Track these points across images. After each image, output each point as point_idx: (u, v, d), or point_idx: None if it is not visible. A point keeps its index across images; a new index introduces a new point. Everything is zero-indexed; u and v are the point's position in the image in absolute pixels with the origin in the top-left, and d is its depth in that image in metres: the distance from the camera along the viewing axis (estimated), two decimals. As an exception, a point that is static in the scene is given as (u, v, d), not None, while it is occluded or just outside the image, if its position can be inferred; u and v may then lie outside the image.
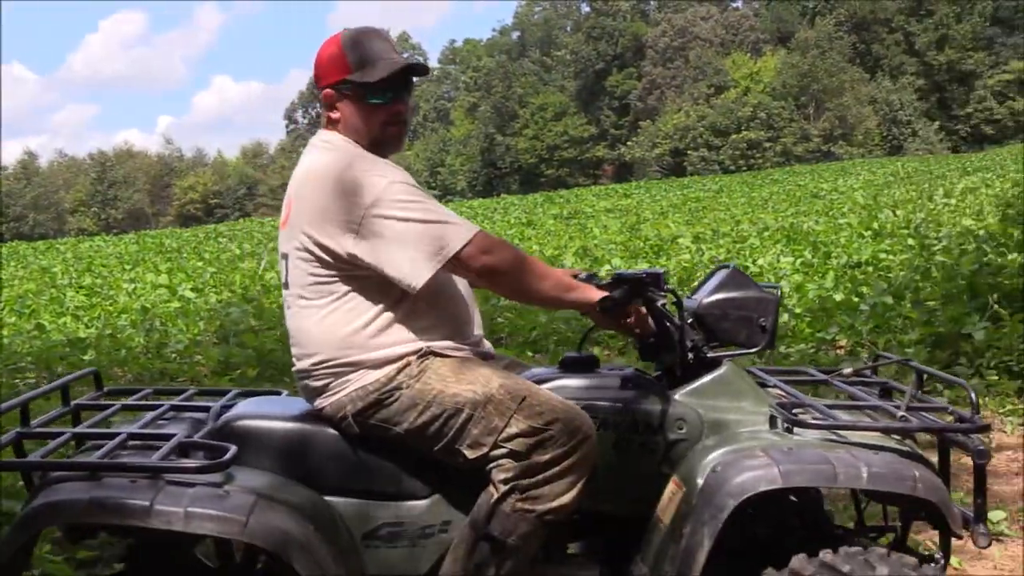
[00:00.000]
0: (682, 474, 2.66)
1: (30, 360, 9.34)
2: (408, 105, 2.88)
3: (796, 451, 2.58)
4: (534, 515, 2.61)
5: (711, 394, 2.79)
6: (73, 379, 3.09)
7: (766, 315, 2.84)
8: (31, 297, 19.85)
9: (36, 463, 2.55)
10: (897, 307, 8.17)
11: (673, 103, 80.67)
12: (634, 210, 39.04)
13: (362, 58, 2.78)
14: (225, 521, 2.41)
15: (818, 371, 3.41)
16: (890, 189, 34.54)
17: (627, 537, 2.81)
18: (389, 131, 2.84)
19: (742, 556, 2.69)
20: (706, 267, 14.37)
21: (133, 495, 2.40)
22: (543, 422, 2.61)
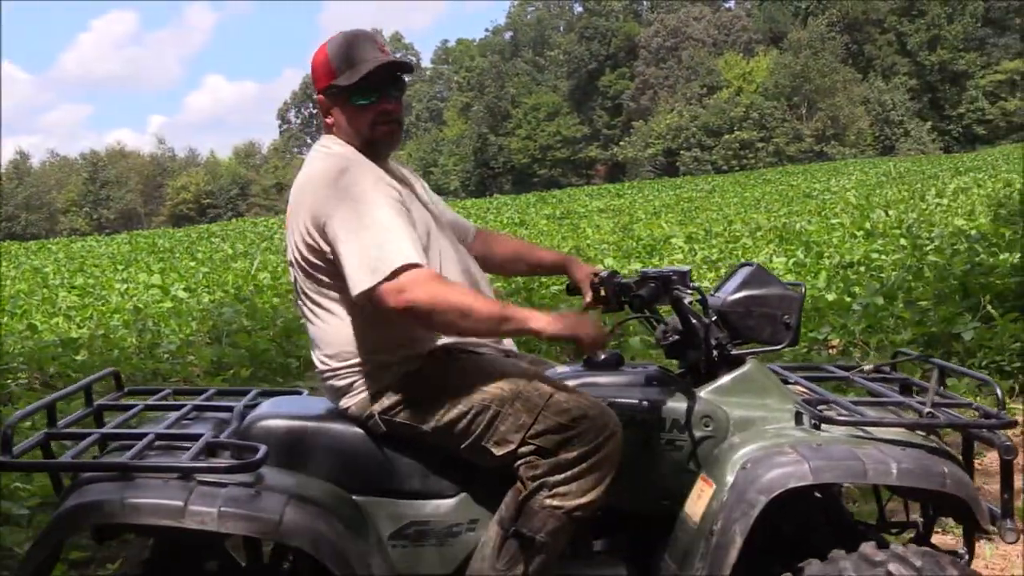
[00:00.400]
0: (711, 471, 2.66)
1: (22, 360, 9.31)
2: (398, 103, 2.86)
3: (825, 447, 2.58)
4: (562, 511, 2.61)
5: (736, 391, 2.80)
6: (95, 380, 3.10)
7: (790, 312, 2.86)
8: (23, 297, 19.79)
9: (68, 464, 2.55)
10: (889, 307, 8.18)
11: (666, 103, 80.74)
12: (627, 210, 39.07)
13: (347, 61, 2.78)
14: (259, 521, 2.42)
15: (837, 367, 3.42)
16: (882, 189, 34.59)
17: (651, 535, 2.82)
18: (379, 131, 2.82)
19: (768, 553, 2.70)
20: (699, 267, 14.38)
21: (167, 496, 2.41)
22: (570, 419, 2.62)
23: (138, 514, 2.39)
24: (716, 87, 78.75)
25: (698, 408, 2.77)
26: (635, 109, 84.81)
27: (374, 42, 2.84)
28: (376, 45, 2.83)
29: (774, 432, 2.71)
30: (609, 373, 2.89)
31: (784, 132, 74.94)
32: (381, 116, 2.81)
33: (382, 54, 2.81)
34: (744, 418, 2.77)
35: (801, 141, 74.91)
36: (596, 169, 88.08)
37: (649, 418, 2.76)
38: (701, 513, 2.60)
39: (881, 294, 8.52)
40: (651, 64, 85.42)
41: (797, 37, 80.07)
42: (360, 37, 2.84)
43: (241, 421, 2.83)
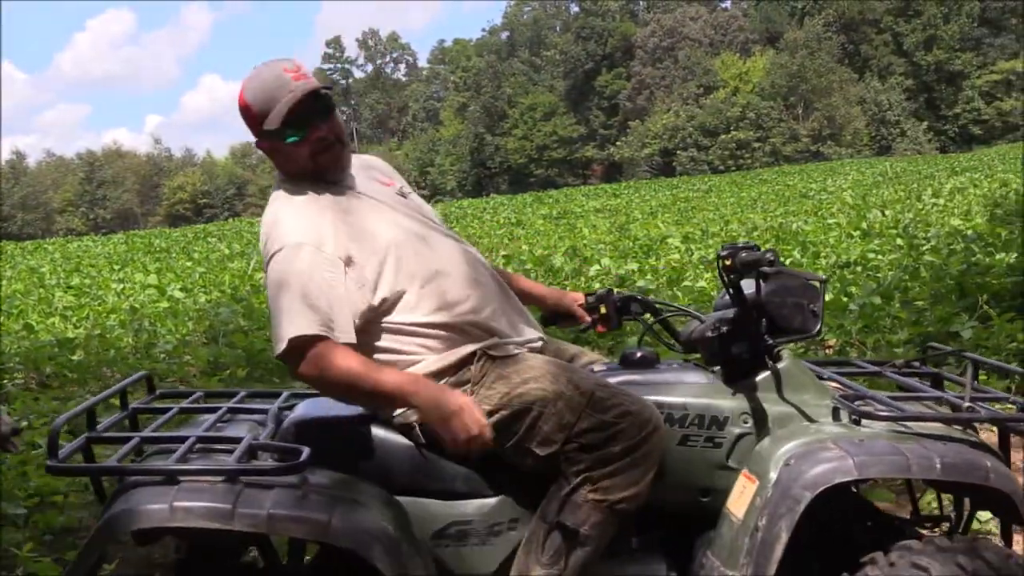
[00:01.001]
0: (753, 468, 2.66)
1: (18, 360, 9.31)
2: (331, 123, 2.79)
3: (867, 443, 2.59)
4: (606, 505, 2.61)
5: (774, 387, 2.81)
6: (129, 383, 3.09)
7: (815, 300, 2.85)
8: (19, 297, 19.77)
9: (115, 468, 2.54)
10: (886, 307, 8.17)
11: (662, 103, 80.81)
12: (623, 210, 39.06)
13: (265, 104, 2.72)
14: (308, 523, 2.42)
15: (867, 363, 3.43)
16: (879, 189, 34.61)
17: (690, 532, 2.83)
18: (321, 160, 2.78)
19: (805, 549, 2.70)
20: (696, 267, 14.36)
21: (215, 499, 2.40)
22: (613, 416, 2.62)
23: (187, 518, 2.39)
24: (712, 87, 78.83)
25: (736, 404, 2.77)
26: (631, 109, 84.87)
27: (282, 75, 2.75)
28: (287, 77, 2.74)
29: (814, 428, 2.72)
30: (646, 371, 2.90)
31: (780, 132, 75.03)
32: (317, 145, 2.76)
33: (295, 83, 2.73)
34: (782, 414, 2.78)
35: (797, 141, 75.00)
36: (593, 169, 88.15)
37: (687, 415, 2.76)
38: (745, 509, 2.60)
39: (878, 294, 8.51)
40: (647, 64, 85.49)
41: (793, 37, 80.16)
42: (269, 74, 2.76)
43: (278, 423, 2.83)
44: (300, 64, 2.78)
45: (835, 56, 79.64)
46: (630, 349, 3.01)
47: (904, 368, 3.21)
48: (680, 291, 11.21)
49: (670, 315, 3.24)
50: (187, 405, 3.14)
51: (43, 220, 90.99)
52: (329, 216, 2.73)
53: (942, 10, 79.00)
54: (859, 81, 79.79)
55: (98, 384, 8.22)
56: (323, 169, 2.79)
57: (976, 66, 78.50)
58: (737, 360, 2.89)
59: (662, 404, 2.75)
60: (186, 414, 3.12)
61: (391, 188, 2.97)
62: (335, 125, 2.80)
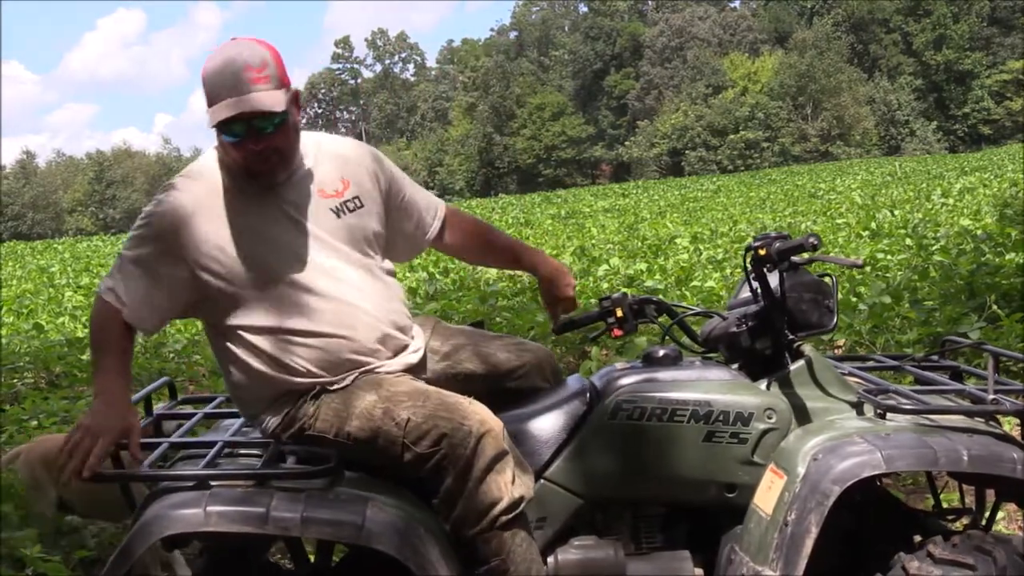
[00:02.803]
0: (780, 463, 2.67)
1: (28, 360, 9.33)
2: (272, 139, 2.59)
3: (894, 436, 2.59)
4: (493, 528, 2.51)
5: (798, 382, 2.82)
6: (153, 389, 3.10)
7: (829, 296, 2.88)
8: (29, 297, 19.83)
9: (146, 475, 2.55)
10: (895, 307, 8.14)
11: (671, 103, 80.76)
12: (632, 210, 39.02)
13: (210, 94, 2.57)
14: (342, 525, 2.43)
15: (886, 357, 3.43)
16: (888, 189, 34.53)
17: (715, 528, 2.83)
18: (254, 167, 2.62)
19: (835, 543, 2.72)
20: (704, 267, 14.34)
21: (248, 503, 2.42)
22: (428, 445, 2.52)
23: (222, 522, 2.40)
24: (721, 87, 78.78)
25: (761, 400, 2.77)
26: (640, 109, 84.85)
27: (236, 75, 2.54)
28: (244, 79, 2.54)
29: (839, 422, 2.72)
30: (669, 368, 2.89)
31: (789, 132, 75.01)
32: (251, 156, 2.59)
33: (245, 95, 2.53)
34: (808, 409, 2.78)
35: (806, 141, 74.97)
36: (601, 169, 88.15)
37: (712, 412, 2.76)
38: (773, 505, 2.60)
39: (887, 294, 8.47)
40: (656, 64, 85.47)
41: (802, 37, 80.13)
42: (230, 69, 2.55)
43: None
44: (267, 64, 2.58)
45: (844, 56, 79.58)
46: (652, 347, 3.00)
47: (923, 362, 3.21)
48: (688, 291, 11.19)
49: (687, 316, 3.24)
50: (211, 410, 3.15)
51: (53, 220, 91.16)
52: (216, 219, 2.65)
53: (952, 10, 78.88)
54: (868, 81, 79.72)
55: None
56: (254, 174, 2.64)
57: (986, 66, 78.38)
58: (760, 356, 2.90)
59: (686, 401, 2.75)
60: (210, 419, 3.13)
61: (329, 201, 2.76)
62: (279, 139, 2.61)
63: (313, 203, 2.73)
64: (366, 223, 2.81)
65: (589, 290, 11.39)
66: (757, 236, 2.86)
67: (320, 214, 2.72)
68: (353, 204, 2.79)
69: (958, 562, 2.50)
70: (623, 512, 2.87)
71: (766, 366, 2.89)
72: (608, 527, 2.86)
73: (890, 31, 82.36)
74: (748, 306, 2.99)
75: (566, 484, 2.79)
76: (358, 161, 2.88)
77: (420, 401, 2.58)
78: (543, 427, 2.85)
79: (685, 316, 3.24)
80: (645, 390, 2.78)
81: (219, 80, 2.55)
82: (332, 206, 2.75)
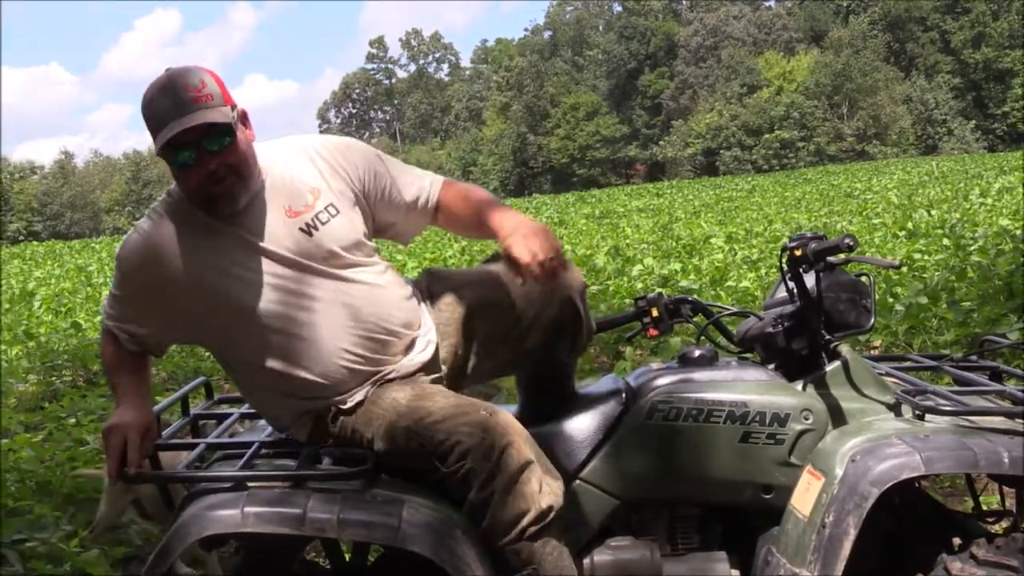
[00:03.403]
0: (818, 464, 2.65)
1: (66, 358, 9.44)
2: (225, 153, 2.50)
3: (933, 438, 2.56)
4: (523, 540, 2.49)
5: (834, 383, 2.80)
6: (191, 390, 3.13)
7: (866, 296, 2.87)
8: (67, 296, 20.03)
9: (184, 476, 2.57)
10: (932, 308, 8.08)
11: (705, 102, 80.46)
12: (666, 210, 38.94)
13: (153, 126, 2.48)
14: (377, 526, 2.43)
15: (924, 357, 3.39)
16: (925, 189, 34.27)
17: (751, 529, 2.82)
18: (211, 191, 2.52)
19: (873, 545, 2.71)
20: (739, 267, 14.29)
21: (285, 504, 2.43)
22: (454, 462, 2.49)
23: (259, 523, 2.41)
24: (756, 86, 78.37)
25: (798, 401, 2.76)
26: (674, 108, 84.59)
27: (184, 93, 2.46)
28: (185, 99, 2.45)
29: (877, 424, 2.70)
30: (705, 368, 2.88)
31: (825, 131, 74.53)
32: (206, 177, 2.49)
33: (186, 115, 2.44)
34: (845, 410, 2.76)
35: (842, 140, 74.48)
36: (635, 168, 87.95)
37: (748, 412, 2.75)
38: (811, 506, 2.59)
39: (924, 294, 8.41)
40: (691, 63, 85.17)
41: (838, 36, 79.62)
42: (160, 98, 2.47)
43: None
44: (206, 84, 2.49)
45: (880, 54, 79.01)
46: (688, 347, 2.99)
47: (962, 363, 3.18)
48: (723, 291, 11.14)
49: (723, 316, 3.23)
50: (246, 411, 3.16)
51: (91, 219, 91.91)
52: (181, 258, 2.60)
53: (991, 7, 78.10)
54: (905, 80, 79.10)
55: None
56: (213, 199, 2.54)
57: (1025, 64, 77.50)
58: (796, 356, 2.88)
59: (723, 401, 2.74)
60: (245, 419, 3.14)
61: (297, 220, 2.63)
62: (230, 156, 2.51)
63: (280, 227, 2.61)
64: (346, 228, 2.68)
65: (623, 290, 11.37)
66: (793, 236, 2.84)
67: (289, 237, 2.61)
68: (327, 215, 2.66)
69: (1002, 564, 2.48)
70: (659, 513, 2.86)
71: (803, 367, 2.87)
72: (644, 528, 2.85)
73: (927, 29, 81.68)
74: (784, 306, 2.98)
75: (602, 485, 2.79)
76: (328, 163, 2.74)
77: (439, 417, 2.53)
78: (578, 427, 2.85)
79: (721, 316, 3.23)
80: (681, 390, 2.77)
81: (160, 106, 2.46)
82: (302, 224, 2.63)
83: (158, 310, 2.66)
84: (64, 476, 5.29)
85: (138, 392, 2.67)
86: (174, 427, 2.91)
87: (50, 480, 5.28)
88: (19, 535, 4.46)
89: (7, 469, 5.41)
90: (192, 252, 2.59)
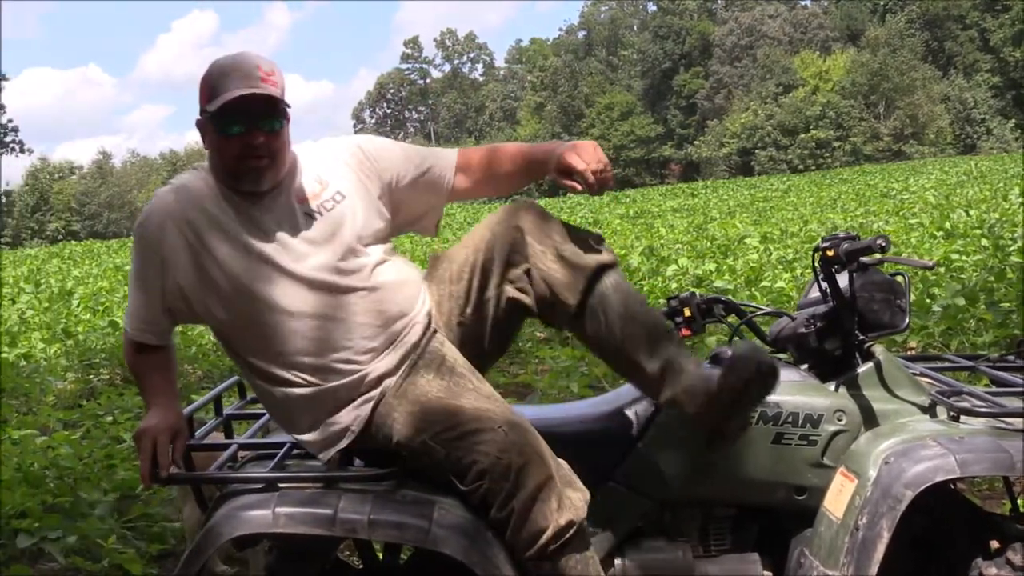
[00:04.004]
0: (851, 466, 2.64)
1: (104, 356, 9.53)
2: (272, 136, 2.58)
3: (969, 440, 2.54)
4: (547, 553, 2.46)
5: (868, 384, 2.79)
6: (223, 390, 3.14)
7: (901, 296, 2.86)
8: (105, 295, 20.20)
9: (217, 477, 2.59)
10: (970, 309, 8.02)
11: (741, 102, 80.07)
12: (701, 210, 38.76)
13: (214, 88, 2.56)
14: (408, 528, 2.44)
15: (960, 357, 3.36)
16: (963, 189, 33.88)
17: (784, 530, 2.82)
18: (246, 164, 2.57)
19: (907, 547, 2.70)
20: (774, 267, 14.21)
21: (317, 505, 2.44)
22: (472, 480, 2.48)
23: (290, 524, 2.43)
24: (792, 86, 77.87)
25: (831, 402, 2.75)
26: (710, 108, 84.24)
27: (255, 71, 2.56)
28: (256, 74, 2.55)
29: (912, 425, 2.68)
30: None
31: (861, 131, 73.94)
32: (248, 149, 2.55)
33: (255, 83, 2.53)
34: (879, 411, 2.75)
35: (879, 140, 73.86)
36: (670, 168, 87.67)
37: (781, 413, 2.74)
38: (844, 508, 2.58)
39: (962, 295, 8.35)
40: (726, 63, 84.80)
41: (875, 34, 79.01)
42: (242, 63, 2.58)
43: None
44: (276, 72, 2.60)
45: (918, 53, 78.30)
46: (721, 348, 2.98)
47: (999, 363, 3.13)
48: (758, 291, 11.10)
49: (756, 316, 3.22)
50: None
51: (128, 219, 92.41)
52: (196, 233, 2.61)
53: (1031, 5, 77.19)
54: (943, 78, 78.34)
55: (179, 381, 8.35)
56: (242, 174, 2.59)
57: (1067, 63, 76.59)
58: (830, 357, 2.86)
59: None
60: None
61: (304, 206, 2.68)
62: (275, 142, 2.59)
63: (292, 214, 2.65)
64: (354, 214, 2.70)
65: (658, 290, 11.36)
66: (825, 237, 2.83)
67: (298, 224, 2.65)
68: (332, 201, 2.69)
69: None
70: (692, 514, 2.85)
71: (836, 367, 2.86)
72: (677, 529, 2.85)
73: (966, 27, 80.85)
74: (817, 307, 2.96)
75: (634, 485, 2.79)
76: (334, 157, 2.79)
77: (454, 431, 2.50)
78: (610, 428, 2.85)
79: (754, 316, 3.22)
80: None
81: (231, 73, 2.55)
82: (308, 209, 2.67)
83: (164, 284, 2.64)
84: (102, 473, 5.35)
85: (165, 393, 2.70)
86: (207, 427, 2.93)
87: (88, 477, 5.34)
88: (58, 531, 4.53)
89: (46, 466, 5.48)
90: (208, 228, 2.61)
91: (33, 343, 12.84)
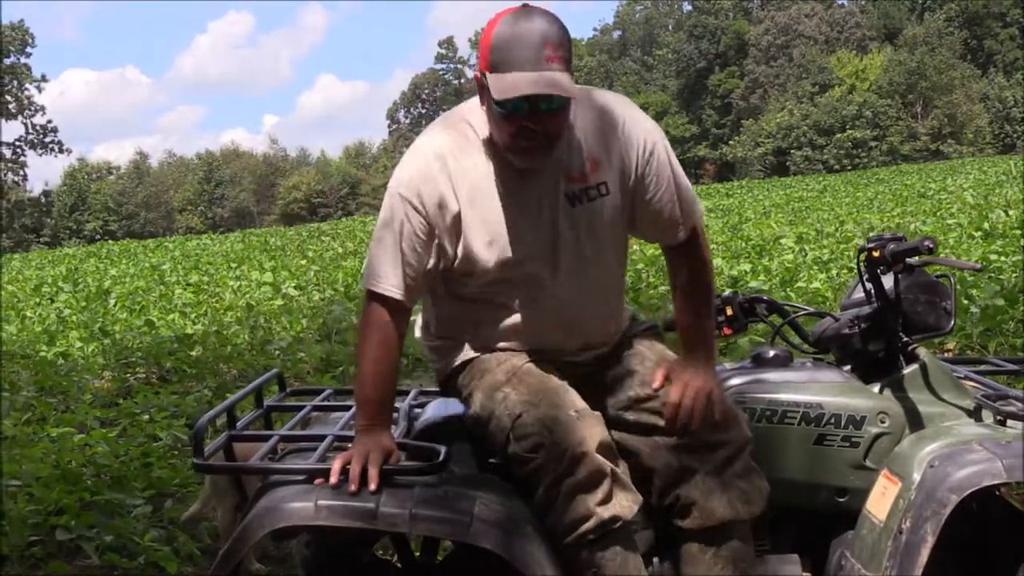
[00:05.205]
0: (894, 469, 2.61)
1: (140, 356, 9.59)
2: (548, 118, 2.46)
3: (1015, 444, 2.51)
4: (583, 543, 2.46)
5: (912, 386, 2.77)
6: (264, 381, 3.14)
7: (947, 298, 2.84)
8: (141, 294, 20.37)
9: (258, 467, 2.60)
10: (1009, 310, 7.93)
11: (776, 102, 79.70)
12: (736, 210, 38.57)
13: (498, 62, 2.42)
14: (449, 522, 2.42)
15: (1006, 360, 3.33)
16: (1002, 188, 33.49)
17: (825, 531, 2.80)
18: (518, 143, 2.49)
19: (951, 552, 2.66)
20: (810, 268, 14.12)
21: (358, 498, 2.42)
22: (527, 448, 2.50)
23: (331, 516, 2.42)
24: (828, 85, 77.47)
25: (874, 404, 2.73)
26: (745, 108, 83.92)
27: (542, 50, 2.40)
28: (541, 57, 2.39)
29: (956, 428, 2.65)
30: (779, 370, 2.86)
31: (898, 131, 73.43)
32: (522, 130, 2.46)
33: (539, 73, 2.39)
34: (923, 413, 2.73)
35: (916, 140, 73.33)
36: (705, 168, 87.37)
37: (823, 415, 2.72)
38: (887, 511, 2.55)
39: (1001, 296, 8.26)
40: (761, 62, 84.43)
41: (913, 33, 78.44)
42: (520, 41, 2.40)
43: (409, 421, 2.84)
44: (563, 44, 2.44)
45: (957, 52, 77.67)
46: (762, 347, 2.97)
47: None
48: (794, 292, 11.02)
49: (799, 316, 3.19)
50: (319, 403, 3.17)
51: (164, 219, 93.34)
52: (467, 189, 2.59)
53: (1073, 2, 76.42)
54: (982, 77, 77.68)
55: (215, 380, 8.41)
56: (515, 152, 2.52)
57: (1108, 61, 75.73)
58: (873, 358, 2.84)
59: (797, 403, 2.72)
60: (318, 412, 3.15)
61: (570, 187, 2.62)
62: (554, 124, 2.49)
63: (557, 190, 2.61)
64: (607, 213, 2.65)
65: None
66: (871, 237, 2.81)
67: (560, 203, 2.61)
68: (596, 192, 2.63)
69: None
70: None
71: (879, 369, 2.83)
72: None
73: (1007, 25, 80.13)
74: (861, 307, 2.94)
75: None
76: (620, 139, 2.67)
77: (536, 399, 2.54)
78: None
79: (796, 316, 3.19)
80: (754, 391, 2.75)
81: (517, 49, 2.40)
82: (572, 191, 2.61)
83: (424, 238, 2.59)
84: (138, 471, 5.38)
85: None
86: (248, 419, 2.94)
87: (125, 474, 5.37)
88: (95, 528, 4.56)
89: (84, 463, 5.52)
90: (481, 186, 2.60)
91: (71, 342, 12.96)
